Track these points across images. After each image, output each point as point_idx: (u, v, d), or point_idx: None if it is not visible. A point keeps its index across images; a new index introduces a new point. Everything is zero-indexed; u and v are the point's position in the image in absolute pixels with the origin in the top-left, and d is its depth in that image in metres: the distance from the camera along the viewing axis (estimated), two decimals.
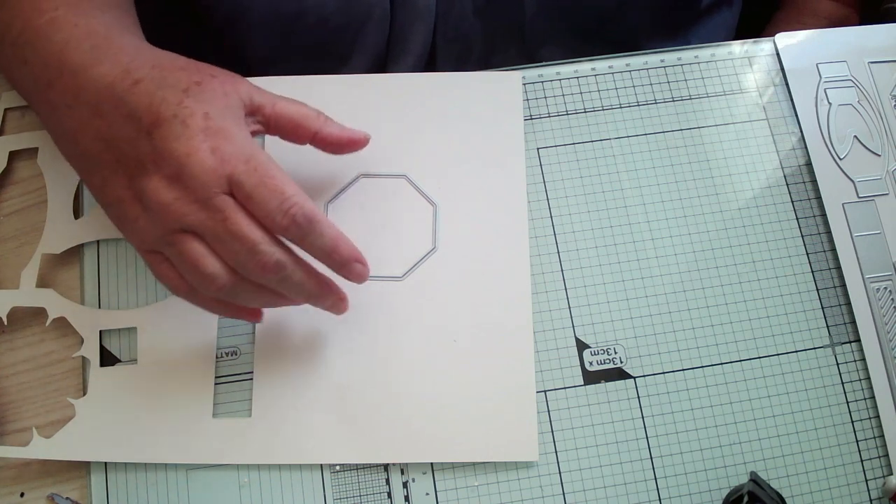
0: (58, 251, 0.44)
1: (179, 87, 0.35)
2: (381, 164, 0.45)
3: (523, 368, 0.42)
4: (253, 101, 0.38)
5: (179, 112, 0.35)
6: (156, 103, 0.35)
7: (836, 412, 0.42)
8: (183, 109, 0.35)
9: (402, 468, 0.41)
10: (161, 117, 0.34)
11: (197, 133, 0.34)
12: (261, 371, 0.42)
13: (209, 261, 0.35)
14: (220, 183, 0.34)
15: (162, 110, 0.35)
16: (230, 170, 0.34)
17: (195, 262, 0.35)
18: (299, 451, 0.40)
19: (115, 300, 0.43)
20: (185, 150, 0.34)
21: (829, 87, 0.47)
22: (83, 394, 0.42)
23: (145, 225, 0.35)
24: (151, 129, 0.34)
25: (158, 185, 0.34)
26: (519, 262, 0.43)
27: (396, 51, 0.52)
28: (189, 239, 0.35)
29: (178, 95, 0.35)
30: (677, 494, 0.41)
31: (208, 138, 0.35)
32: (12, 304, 0.43)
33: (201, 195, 0.34)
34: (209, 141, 0.35)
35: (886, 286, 0.44)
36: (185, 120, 0.35)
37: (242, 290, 0.36)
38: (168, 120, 0.34)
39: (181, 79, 0.36)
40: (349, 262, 0.38)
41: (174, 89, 0.35)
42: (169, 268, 0.37)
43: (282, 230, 0.35)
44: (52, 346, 0.43)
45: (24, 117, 0.47)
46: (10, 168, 0.46)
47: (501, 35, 0.53)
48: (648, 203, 0.45)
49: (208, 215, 0.34)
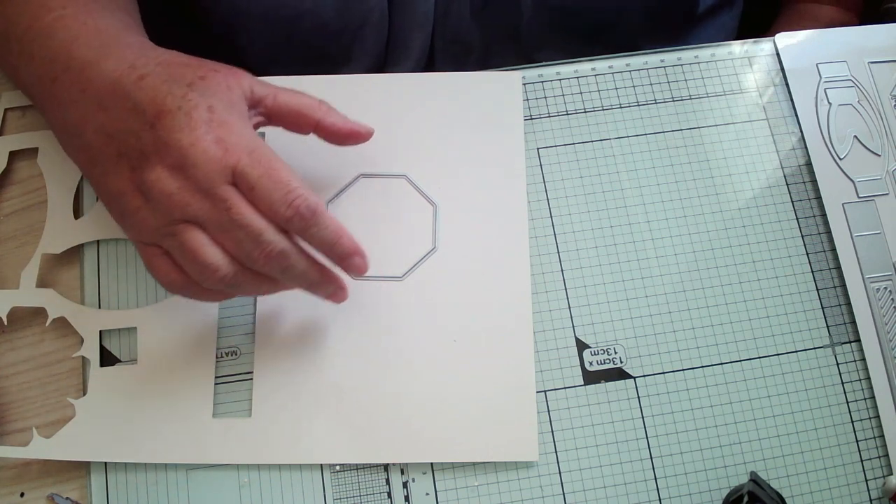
0: (58, 251, 0.44)
1: (184, 82, 0.36)
2: (381, 164, 0.45)
3: (523, 368, 0.42)
4: (255, 93, 0.38)
5: (184, 104, 0.35)
6: (160, 96, 0.35)
7: (836, 412, 0.42)
8: (187, 102, 0.35)
9: (402, 468, 0.41)
10: (165, 109, 0.35)
11: (201, 124, 0.35)
12: (261, 371, 0.42)
13: (210, 250, 0.35)
14: (225, 173, 0.35)
15: (167, 102, 0.35)
16: (234, 161, 0.35)
17: (196, 251, 0.35)
18: (299, 451, 0.40)
19: (115, 300, 0.43)
20: (189, 141, 0.34)
21: (829, 87, 0.47)
22: (83, 394, 0.42)
23: (146, 216, 0.35)
24: (155, 120, 0.35)
25: (161, 175, 0.34)
26: (519, 262, 0.43)
27: (395, 55, 0.53)
28: (190, 228, 0.35)
29: (183, 89, 0.35)
30: (677, 494, 0.41)
31: (212, 130, 0.35)
32: (12, 304, 0.43)
33: (204, 185, 0.34)
34: (213, 132, 0.35)
35: (886, 286, 0.44)
36: (190, 112, 0.35)
37: (243, 279, 0.36)
38: (172, 112, 0.35)
39: (186, 74, 0.36)
40: (350, 255, 0.38)
41: (179, 83, 0.36)
42: (164, 261, 0.36)
43: (285, 221, 0.35)
44: (52, 346, 0.43)
45: (25, 117, 0.47)
46: (10, 168, 0.46)
47: (499, 38, 0.53)
48: (648, 203, 0.45)
49: (212, 205, 0.35)
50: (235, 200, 0.35)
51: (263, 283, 0.38)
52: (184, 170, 0.34)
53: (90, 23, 0.39)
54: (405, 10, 0.50)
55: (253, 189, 0.35)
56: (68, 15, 0.39)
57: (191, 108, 0.35)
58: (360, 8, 0.49)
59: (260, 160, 0.35)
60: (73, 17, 0.39)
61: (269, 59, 0.51)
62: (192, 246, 0.35)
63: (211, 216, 0.35)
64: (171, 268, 0.36)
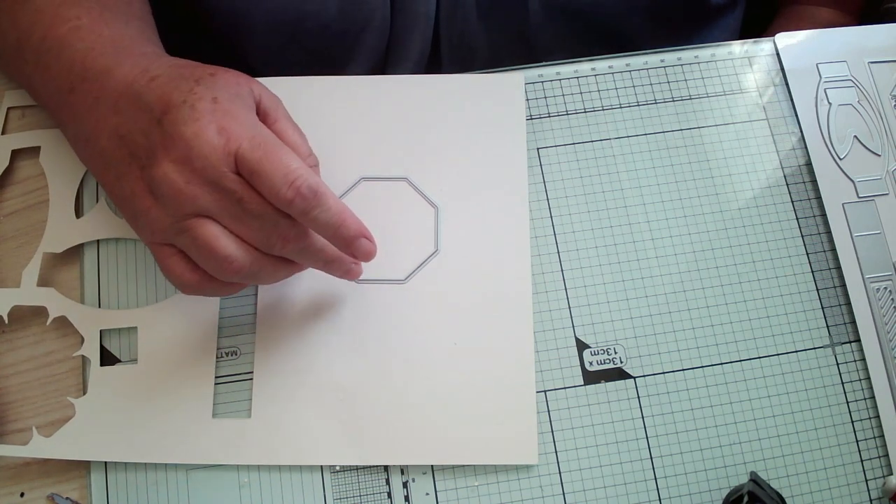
0: (59, 250, 0.44)
1: (192, 78, 0.36)
2: (382, 167, 0.45)
3: (523, 371, 0.42)
4: (262, 102, 0.39)
5: (189, 98, 0.35)
6: (167, 92, 0.35)
7: (836, 412, 0.42)
8: (192, 95, 0.35)
9: (403, 468, 0.41)
10: (171, 104, 0.35)
11: (205, 114, 0.35)
12: (261, 371, 0.42)
13: (225, 241, 0.35)
14: (228, 161, 0.34)
15: (173, 97, 0.35)
16: (235, 147, 0.34)
17: (211, 244, 0.35)
18: (299, 452, 0.40)
19: (115, 300, 0.43)
20: (193, 131, 0.34)
21: (829, 87, 0.47)
22: (83, 393, 0.42)
23: (157, 214, 0.35)
24: (162, 116, 0.35)
25: (168, 170, 0.34)
26: (520, 265, 0.43)
27: (395, 56, 0.53)
28: (202, 221, 0.35)
29: (190, 84, 0.36)
30: (677, 494, 0.41)
31: (215, 119, 0.35)
32: (13, 303, 0.43)
33: (211, 175, 0.34)
34: (216, 121, 0.35)
35: (886, 286, 0.44)
36: (195, 104, 0.35)
37: (261, 267, 0.36)
38: (178, 106, 0.35)
39: (195, 72, 0.36)
40: (357, 237, 0.37)
41: (187, 80, 0.36)
42: (179, 261, 0.36)
43: (287, 203, 0.34)
44: (52, 346, 0.43)
45: (25, 117, 0.47)
46: (11, 167, 0.46)
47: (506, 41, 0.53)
48: (648, 203, 0.45)
49: (222, 195, 0.34)
50: (244, 190, 0.34)
51: (280, 269, 0.37)
52: (189, 162, 0.34)
53: (106, 33, 0.39)
54: (407, 13, 0.50)
55: (254, 174, 0.34)
56: (84, 26, 0.39)
57: (195, 100, 0.35)
58: (363, 10, 0.49)
59: (260, 144, 0.34)
60: (89, 29, 0.39)
61: (270, 60, 0.51)
62: (205, 239, 0.35)
63: (224, 207, 0.35)
64: (186, 268, 0.36)
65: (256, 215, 0.35)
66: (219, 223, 0.35)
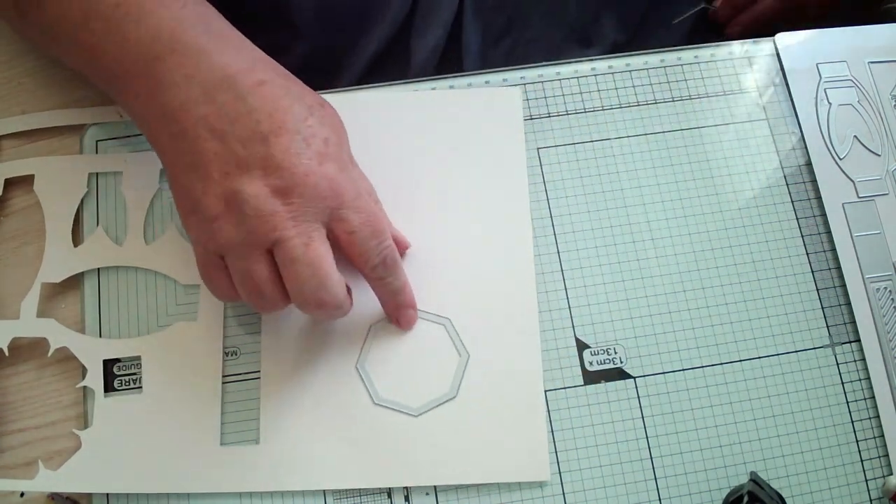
0: (58, 280, 0.43)
1: (305, 103, 0.36)
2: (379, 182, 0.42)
3: (531, 385, 0.41)
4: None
5: (303, 129, 0.35)
6: (280, 111, 0.35)
7: (836, 412, 0.42)
8: (307, 128, 0.35)
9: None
10: (284, 128, 0.35)
11: (316, 155, 0.35)
12: (268, 396, 0.41)
13: (271, 288, 0.36)
14: (325, 212, 0.35)
15: (287, 122, 0.35)
16: (338, 203, 0.35)
17: (260, 288, 0.36)
18: (307, 478, 0.40)
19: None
20: (304, 170, 0.34)
21: (829, 87, 0.47)
22: (87, 424, 0.41)
23: (225, 227, 0.35)
24: (270, 135, 0.34)
25: (261, 192, 0.34)
26: (524, 279, 0.43)
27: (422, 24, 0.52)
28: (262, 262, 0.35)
29: (304, 111, 0.36)
30: (677, 494, 0.41)
31: (325, 164, 0.35)
32: (13, 335, 0.42)
33: (301, 216, 0.34)
34: (326, 167, 0.35)
35: (886, 286, 0.44)
36: (308, 139, 0.35)
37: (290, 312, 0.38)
38: (291, 133, 0.35)
39: (305, 96, 0.36)
40: (409, 307, 0.41)
41: (301, 104, 0.36)
42: (223, 276, 0.36)
43: (371, 267, 0.38)
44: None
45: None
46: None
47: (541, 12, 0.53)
48: (648, 203, 0.45)
49: (296, 234, 0.34)
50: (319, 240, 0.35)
51: None
52: (287, 196, 0.34)
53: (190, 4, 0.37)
54: None
55: (352, 233, 0.36)
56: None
57: (310, 134, 0.35)
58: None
59: (361, 207, 0.36)
60: None
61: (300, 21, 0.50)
62: (254, 281, 0.35)
63: (290, 245, 0.34)
64: (230, 286, 0.37)
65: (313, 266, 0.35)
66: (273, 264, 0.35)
